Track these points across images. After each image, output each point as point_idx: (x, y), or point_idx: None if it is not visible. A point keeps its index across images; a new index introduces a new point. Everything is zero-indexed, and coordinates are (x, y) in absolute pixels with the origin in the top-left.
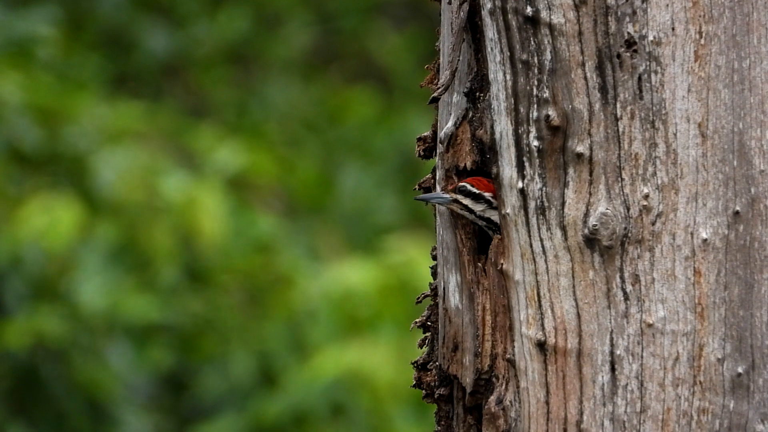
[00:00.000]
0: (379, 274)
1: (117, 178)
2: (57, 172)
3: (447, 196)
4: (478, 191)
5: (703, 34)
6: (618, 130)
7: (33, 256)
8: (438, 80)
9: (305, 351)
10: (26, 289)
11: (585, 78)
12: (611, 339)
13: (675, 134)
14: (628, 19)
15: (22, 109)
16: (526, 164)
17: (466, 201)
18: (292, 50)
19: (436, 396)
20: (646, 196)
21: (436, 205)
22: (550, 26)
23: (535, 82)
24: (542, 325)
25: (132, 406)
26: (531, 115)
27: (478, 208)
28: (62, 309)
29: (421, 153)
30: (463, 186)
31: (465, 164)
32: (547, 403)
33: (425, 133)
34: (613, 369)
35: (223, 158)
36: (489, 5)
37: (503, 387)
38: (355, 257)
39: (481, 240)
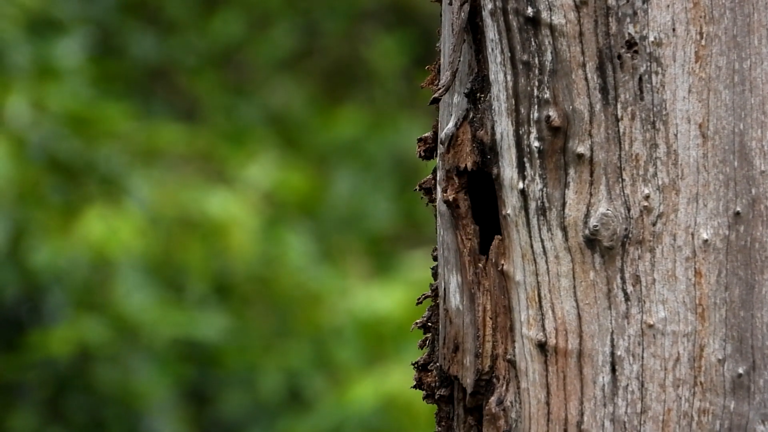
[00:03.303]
0: (407, 293)
1: (151, 194)
2: (92, 183)
3: None
4: None
5: (704, 35)
6: (619, 130)
7: (78, 266)
8: (439, 81)
9: (333, 371)
10: (67, 299)
11: (586, 79)
12: (612, 340)
13: (676, 135)
14: (628, 19)
15: (58, 117)
16: (527, 165)
17: None
18: (281, 49)
19: (436, 397)
20: (647, 197)
21: (437, 205)
22: (551, 27)
23: (536, 83)
24: (543, 325)
25: (166, 418)
26: (532, 116)
27: None
28: (108, 319)
29: (422, 154)
30: None
31: (466, 165)
32: (548, 403)
33: (426, 134)
34: (613, 370)
35: (254, 174)
36: (490, 6)
37: (504, 388)
38: (381, 277)
39: (482, 240)
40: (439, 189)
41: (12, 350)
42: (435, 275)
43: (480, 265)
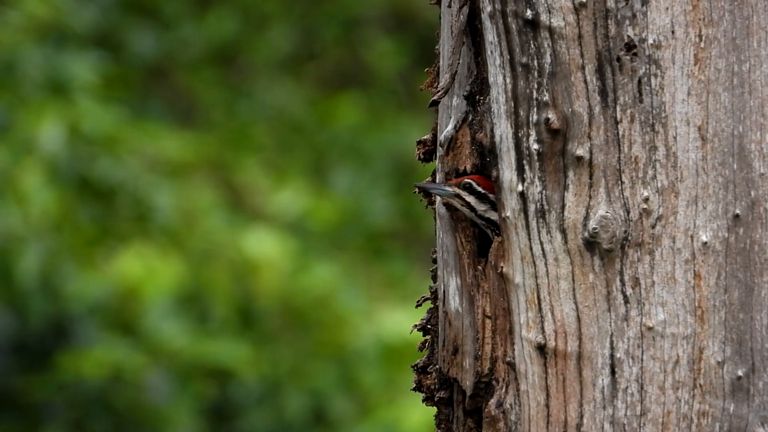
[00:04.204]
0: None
1: (176, 218)
2: (123, 206)
3: (449, 189)
4: (483, 191)
5: (703, 38)
6: (618, 133)
7: (110, 295)
8: (438, 83)
9: (357, 393)
10: (97, 324)
11: (585, 81)
12: (611, 342)
13: (675, 137)
14: (627, 22)
15: (87, 137)
16: (526, 167)
17: (470, 198)
18: (278, 52)
19: (436, 399)
20: (646, 199)
21: (436, 207)
22: (550, 29)
23: (535, 86)
24: (542, 328)
25: None
26: (531, 119)
27: (481, 207)
28: (137, 345)
29: (421, 156)
30: (469, 183)
31: (465, 167)
32: (548, 406)
33: (425, 137)
34: (613, 372)
35: (284, 202)
36: (489, 8)
37: (503, 390)
38: (405, 302)
39: (481, 243)
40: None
41: (40, 372)
42: (434, 278)
43: (479, 267)
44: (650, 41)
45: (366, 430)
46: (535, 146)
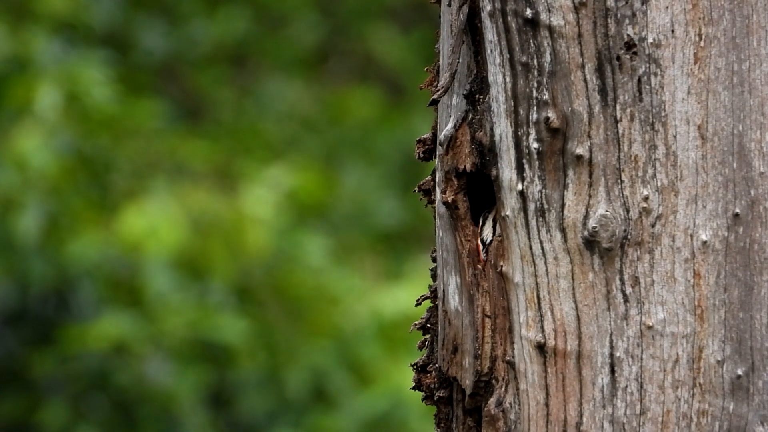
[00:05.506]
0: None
1: (174, 191)
2: (118, 180)
3: None
4: None
5: (703, 36)
6: (618, 132)
7: (111, 260)
8: (438, 82)
9: (357, 369)
10: (98, 294)
11: (585, 80)
12: (611, 341)
13: (675, 136)
14: (627, 21)
15: (85, 114)
16: (526, 166)
17: None
18: (296, 50)
19: (435, 398)
20: (646, 198)
21: (436, 206)
22: (550, 28)
23: (535, 84)
24: (542, 327)
25: (191, 417)
26: (531, 117)
27: None
28: (137, 317)
29: (421, 155)
30: None
31: (464, 166)
32: (547, 405)
33: (425, 135)
34: (612, 371)
35: (274, 176)
36: (489, 7)
37: (503, 389)
38: (401, 278)
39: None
40: (438, 190)
41: (41, 345)
42: (434, 276)
43: (479, 266)
44: (650, 40)
45: (368, 398)
46: (535, 145)
